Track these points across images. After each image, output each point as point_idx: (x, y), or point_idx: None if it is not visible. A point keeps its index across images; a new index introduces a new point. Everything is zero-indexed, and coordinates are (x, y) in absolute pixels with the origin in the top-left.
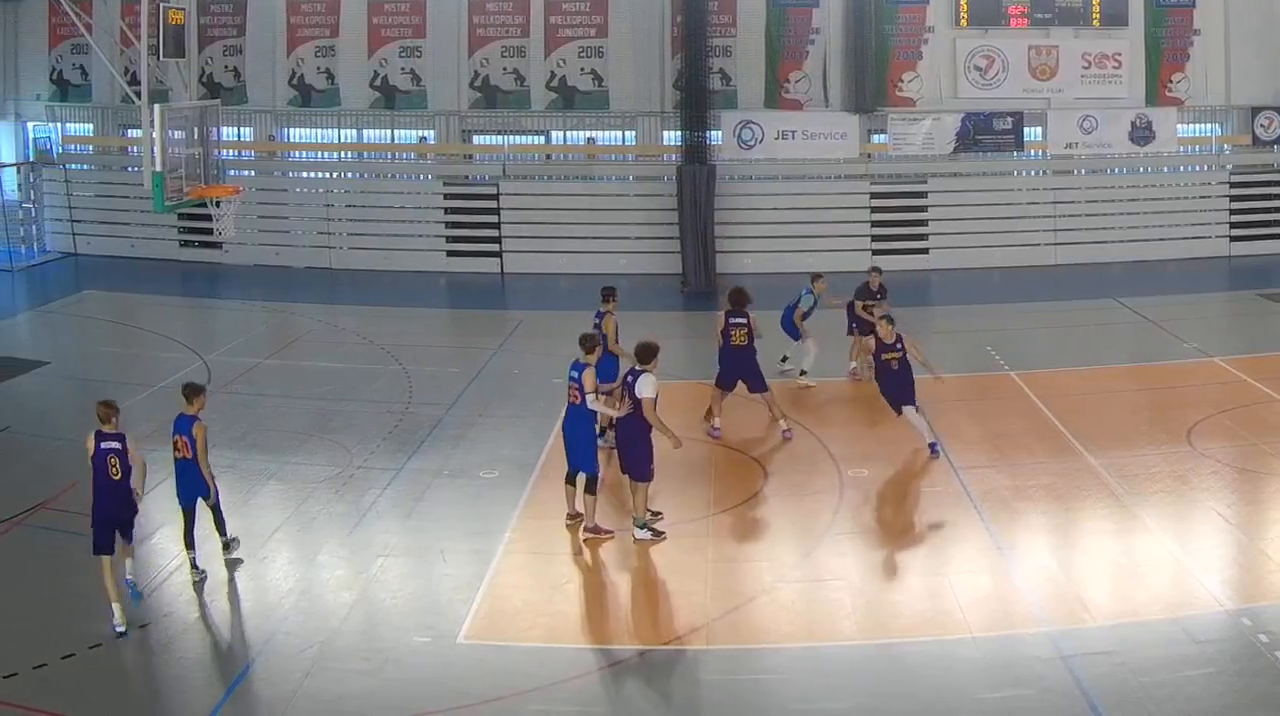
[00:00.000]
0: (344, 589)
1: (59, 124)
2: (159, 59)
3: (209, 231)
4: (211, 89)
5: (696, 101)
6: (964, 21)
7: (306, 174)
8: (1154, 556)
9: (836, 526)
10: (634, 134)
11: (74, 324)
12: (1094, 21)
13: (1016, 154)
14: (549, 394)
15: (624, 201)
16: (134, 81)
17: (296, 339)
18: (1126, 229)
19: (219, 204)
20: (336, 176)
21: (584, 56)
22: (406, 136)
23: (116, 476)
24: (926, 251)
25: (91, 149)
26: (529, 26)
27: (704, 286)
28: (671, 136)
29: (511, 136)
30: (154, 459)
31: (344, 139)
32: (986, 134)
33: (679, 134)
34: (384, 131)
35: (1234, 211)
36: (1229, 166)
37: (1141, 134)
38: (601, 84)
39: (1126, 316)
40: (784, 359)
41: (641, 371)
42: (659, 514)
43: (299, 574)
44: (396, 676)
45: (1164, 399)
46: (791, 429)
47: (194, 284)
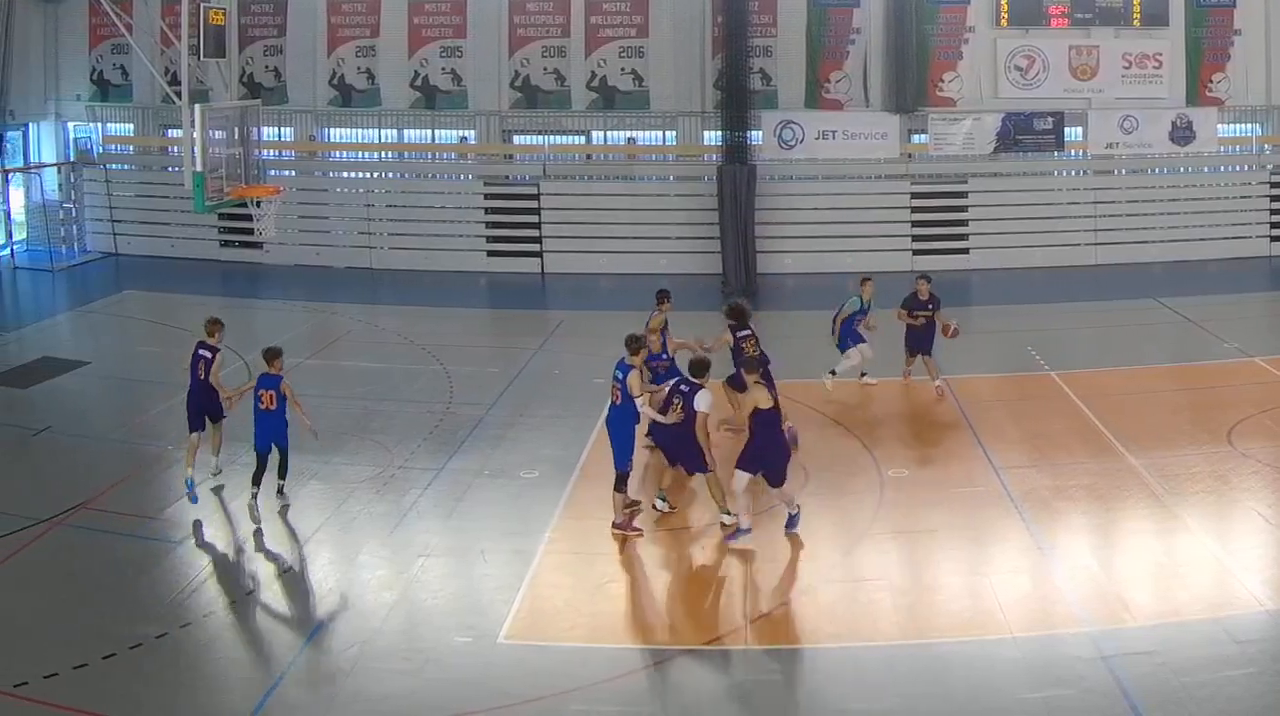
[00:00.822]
0: (385, 589)
1: (99, 124)
2: (199, 59)
3: (249, 231)
4: (252, 89)
5: (737, 101)
6: (1004, 21)
7: (347, 174)
8: (1195, 556)
9: (876, 526)
10: (674, 134)
11: (114, 324)
12: (1134, 21)
13: (1057, 154)
14: (589, 394)
15: (664, 201)
16: (174, 81)
17: (337, 339)
18: (1167, 229)
19: (259, 204)
20: (377, 176)
21: (625, 56)
22: (447, 136)
23: (203, 377)
24: (967, 251)
25: (132, 149)
26: (569, 26)
27: (745, 286)
28: (712, 136)
29: (552, 136)
30: (194, 461)
31: (384, 139)
32: (1027, 134)
33: (719, 134)
34: (424, 131)
35: (1275, 211)
36: (1269, 166)
37: (1182, 134)
38: (642, 84)
39: (1167, 316)
40: (863, 374)
41: (697, 385)
42: (637, 502)
43: (340, 574)
44: (437, 676)
45: (1205, 399)
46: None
47: (234, 284)
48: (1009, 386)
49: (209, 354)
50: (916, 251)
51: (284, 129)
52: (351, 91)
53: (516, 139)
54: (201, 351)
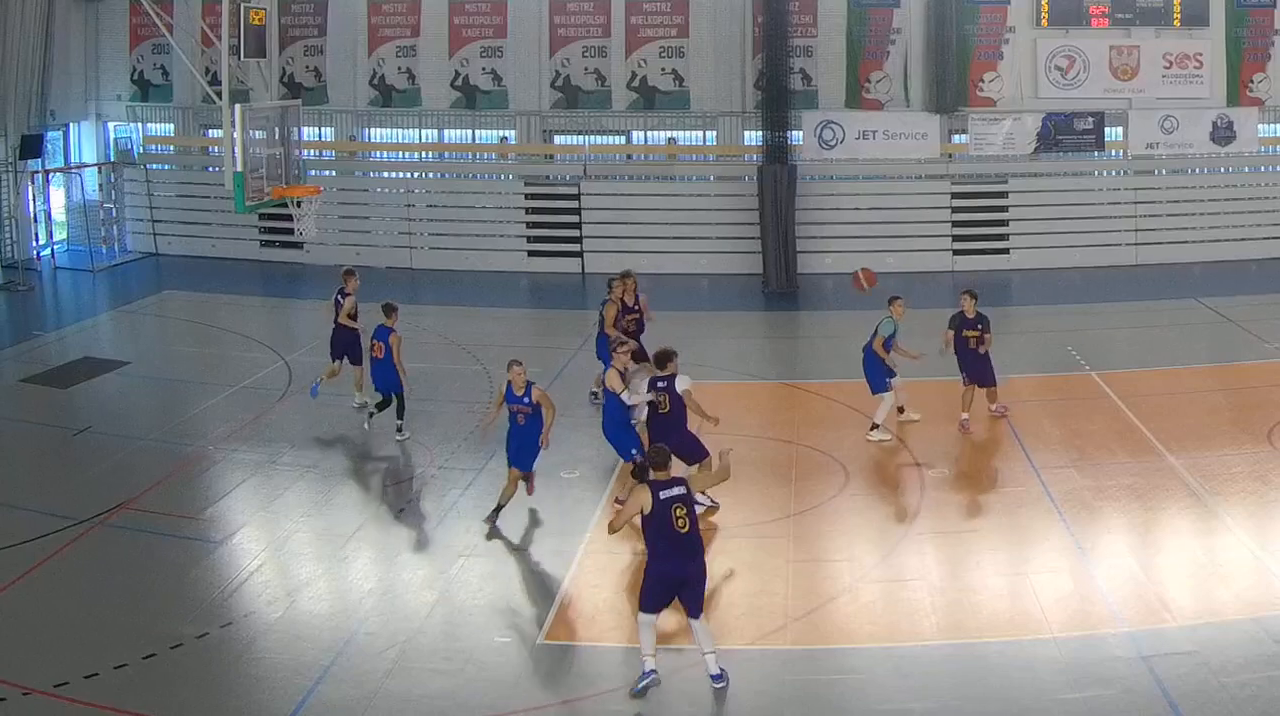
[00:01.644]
0: (425, 588)
1: (140, 124)
2: (240, 59)
3: (290, 231)
4: (292, 89)
5: (777, 101)
6: (1045, 21)
7: (387, 174)
8: (1235, 556)
9: (917, 526)
10: (715, 134)
11: (155, 324)
12: (1175, 22)
13: (1097, 154)
14: None
15: (705, 201)
16: (215, 82)
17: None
18: (1207, 229)
19: (300, 204)
20: (417, 176)
21: (665, 56)
22: (487, 136)
23: (349, 324)
24: (1007, 252)
25: (172, 149)
26: (610, 26)
27: (785, 286)
28: (752, 136)
29: (592, 136)
30: (235, 461)
31: (425, 139)
32: (1067, 134)
33: (760, 134)
34: (465, 131)
35: None
36: None
37: (1222, 134)
38: (682, 84)
39: (1207, 316)
40: (901, 410)
41: (670, 376)
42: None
43: (380, 573)
44: (477, 676)
45: (1245, 399)
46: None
47: (275, 284)
48: (1049, 386)
49: (340, 298)
50: (957, 252)
51: (324, 129)
52: (392, 91)
53: (557, 139)
54: (337, 296)
